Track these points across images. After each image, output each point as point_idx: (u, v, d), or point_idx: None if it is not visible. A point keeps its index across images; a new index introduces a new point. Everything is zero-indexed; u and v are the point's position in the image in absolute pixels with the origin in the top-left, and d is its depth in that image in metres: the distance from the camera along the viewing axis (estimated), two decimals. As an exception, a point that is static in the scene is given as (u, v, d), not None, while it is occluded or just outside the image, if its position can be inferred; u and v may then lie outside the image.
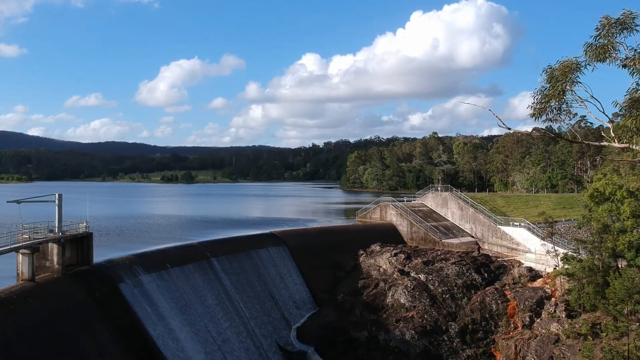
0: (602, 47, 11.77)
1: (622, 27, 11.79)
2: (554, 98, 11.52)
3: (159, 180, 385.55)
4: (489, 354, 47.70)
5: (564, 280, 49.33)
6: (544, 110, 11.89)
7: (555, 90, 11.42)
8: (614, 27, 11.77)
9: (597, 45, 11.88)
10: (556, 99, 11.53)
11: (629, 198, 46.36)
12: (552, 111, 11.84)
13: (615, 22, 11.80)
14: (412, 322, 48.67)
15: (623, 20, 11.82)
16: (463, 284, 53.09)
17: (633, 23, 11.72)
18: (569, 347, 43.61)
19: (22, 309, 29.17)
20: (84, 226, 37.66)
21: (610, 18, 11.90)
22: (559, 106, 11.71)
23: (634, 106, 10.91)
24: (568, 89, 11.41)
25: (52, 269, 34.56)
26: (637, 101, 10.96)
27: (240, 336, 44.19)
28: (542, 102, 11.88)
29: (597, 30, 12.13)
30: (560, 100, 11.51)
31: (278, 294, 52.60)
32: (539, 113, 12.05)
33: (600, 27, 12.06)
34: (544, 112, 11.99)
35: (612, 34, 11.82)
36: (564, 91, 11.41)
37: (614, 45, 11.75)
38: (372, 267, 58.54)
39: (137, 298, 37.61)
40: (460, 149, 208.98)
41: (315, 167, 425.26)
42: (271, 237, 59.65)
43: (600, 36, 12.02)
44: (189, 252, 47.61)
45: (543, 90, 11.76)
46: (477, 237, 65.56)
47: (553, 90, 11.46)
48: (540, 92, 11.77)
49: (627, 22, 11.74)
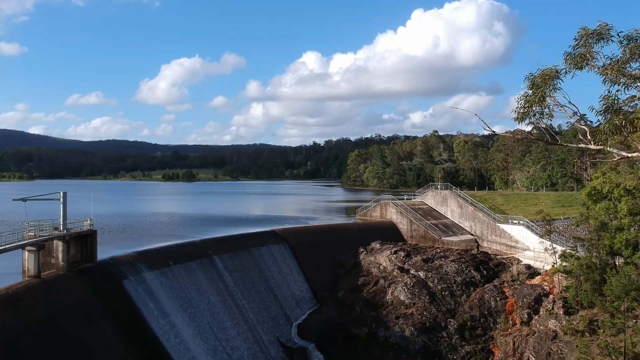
0: (580, 56, 12.46)
1: (598, 38, 12.46)
2: (535, 103, 12.19)
3: (160, 178, 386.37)
4: (487, 350, 48.27)
5: (561, 278, 49.86)
6: (526, 114, 12.59)
7: (535, 96, 12.09)
8: (591, 37, 12.46)
9: (576, 55, 12.58)
10: (537, 104, 12.20)
11: (626, 196, 46.88)
12: (534, 115, 12.52)
13: (592, 33, 12.48)
14: (412, 319, 49.24)
15: (599, 32, 12.50)
16: (462, 281, 53.65)
17: (608, 34, 12.37)
18: (566, 344, 44.14)
19: (29, 304, 29.76)
20: (88, 224, 38.27)
21: (588, 29, 12.59)
22: (541, 110, 12.38)
23: (607, 111, 11.57)
24: (548, 95, 12.04)
25: (57, 265, 35.15)
26: (610, 107, 11.61)
27: (242, 332, 44.78)
28: (525, 107, 12.56)
29: (575, 41, 12.87)
30: (541, 105, 12.15)
31: (279, 291, 53.19)
32: (521, 117, 12.76)
33: (579, 38, 12.79)
34: (526, 116, 12.70)
35: (590, 44, 12.50)
36: (544, 97, 12.08)
37: (592, 54, 12.41)
38: (372, 264, 59.12)
39: (140, 295, 38.21)
40: (460, 147, 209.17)
41: (316, 165, 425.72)
42: (272, 235, 60.25)
43: (579, 46, 12.72)
44: (191, 249, 48.22)
45: (526, 95, 12.46)
46: (476, 235, 66.11)
47: (534, 96, 12.14)
48: (523, 97, 12.50)
49: (603, 33, 12.42)
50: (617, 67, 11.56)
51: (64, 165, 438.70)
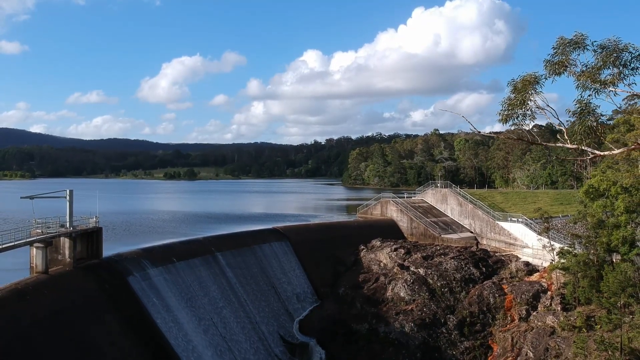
0: (558, 63, 13.28)
1: (575, 46, 13.28)
2: (517, 107, 13.02)
3: (162, 177, 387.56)
4: (486, 346, 48.95)
5: (559, 274, 50.52)
6: (510, 116, 13.44)
7: (517, 99, 12.92)
8: (569, 46, 13.30)
9: (554, 62, 13.41)
10: (519, 107, 13.02)
11: (623, 194, 47.46)
12: (517, 117, 13.37)
13: (570, 42, 13.32)
14: (412, 315, 49.93)
15: (576, 41, 13.33)
16: (461, 278, 54.33)
17: (583, 43, 13.19)
18: (564, 339, 44.77)
19: (38, 299, 30.53)
20: (94, 221, 39.01)
21: (565, 38, 13.48)
22: (523, 113, 13.21)
23: (582, 113, 12.39)
24: (529, 98, 12.86)
25: (64, 262, 35.89)
26: (584, 109, 12.44)
27: (244, 328, 45.54)
28: (508, 110, 13.40)
29: (553, 49, 13.76)
30: (524, 108, 12.95)
31: (281, 287, 53.94)
32: (505, 119, 13.61)
33: (557, 46, 13.66)
34: (510, 118, 13.56)
35: (567, 52, 13.32)
36: (525, 100, 12.89)
37: (569, 61, 13.21)
38: (372, 261, 59.82)
39: (145, 291, 38.94)
40: (461, 145, 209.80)
41: (317, 163, 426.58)
42: (274, 232, 60.99)
43: (557, 54, 13.57)
44: (194, 246, 48.97)
45: (509, 99, 13.30)
46: (475, 232, 66.79)
47: (515, 100, 12.97)
48: (507, 101, 13.37)
49: (579, 42, 13.27)
50: (590, 74, 12.38)
51: (65, 164, 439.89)
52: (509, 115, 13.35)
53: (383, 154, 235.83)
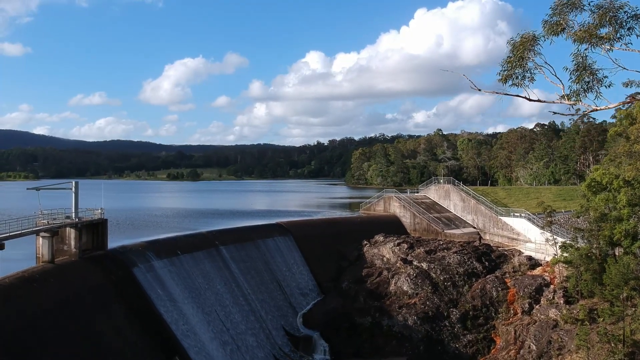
0: (556, 23, 13.57)
1: (572, 7, 13.59)
2: (516, 64, 13.27)
3: (165, 177, 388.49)
4: (489, 339, 49.11)
5: (562, 268, 50.68)
6: (510, 76, 13.69)
7: (516, 56, 13.19)
8: (566, 7, 13.58)
9: (552, 22, 13.70)
10: (517, 65, 13.27)
11: (625, 187, 47.61)
12: (517, 77, 13.63)
13: (567, 3, 13.61)
14: (415, 309, 50.12)
15: (573, 1, 13.59)
16: (464, 272, 54.50)
17: (580, 3, 13.50)
18: (566, 332, 44.89)
19: (44, 287, 30.85)
20: (99, 213, 39.34)
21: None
22: (523, 73, 13.46)
23: (578, 69, 12.66)
24: (527, 56, 13.13)
25: (69, 252, 36.23)
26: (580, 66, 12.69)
27: (248, 320, 45.80)
28: (508, 69, 13.67)
29: (551, 9, 14.05)
30: (522, 66, 13.21)
31: (284, 281, 54.20)
32: (505, 79, 13.86)
33: (555, 7, 13.95)
34: (510, 78, 13.80)
35: (565, 12, 13.60)
36: (523, 57, 13.15)
37: (567, 22, 13.49)
38: (375, 256, 60.02)
39: (149, 282, 39.25)
40: (464, 145, 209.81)
41: (320, 164, 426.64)
42: (277, 227, 61.27)
43: (554, 14, 13.85)
44: (198, 240, 49.28)
45: (509, 58, 13.57)
46: (478, 227, 66.95)
47: (514, 57, 13.24)
48: (506, 61, 13.64)
49: (576, 2, 13.53)
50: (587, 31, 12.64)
51: (69, 165, 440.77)
52: (508, 75, 13.60)
53: (386, 154, 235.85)
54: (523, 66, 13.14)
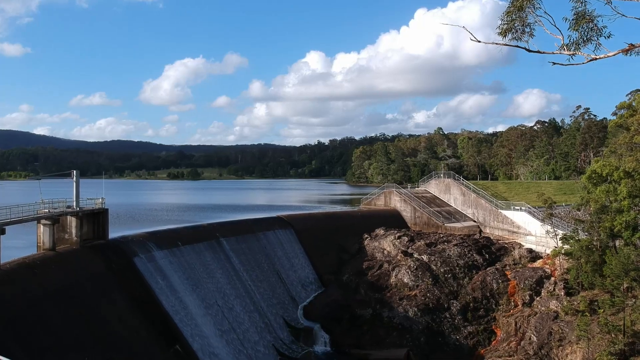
0: None
1: None
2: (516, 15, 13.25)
3: (165, 177, 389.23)
4: (489, 331, 49.17)
5: (563, 260, 50.71)
6: (509, 29, 13.69)
7: (515, 6, 13.22)
8: None
9: None
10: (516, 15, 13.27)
11: (625, 179, 47.63)
12: (516, 31, 13.62)
13: None
14: (415, 300, 50.18)
15: None
16: (465, 264, 54.55)
17: None
18: (567, 323, 44.95)
19: (46, 274, 30.89)
20: (100, 202, 39.40)
21: None
22: (522, 27, 13.44)
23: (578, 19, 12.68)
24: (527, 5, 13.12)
25: (70, 241, 36.29)
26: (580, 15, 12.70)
27: (248, 312, 45.85)
28: (508, 21, 13.67)
29: None
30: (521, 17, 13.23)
31: (285, 274, 54.26)
32: (504, 32, 13.86)
33: None
34: (509, 32, 13.79)
35: None
36: (522, 7, 13.15)
37: None
38: (376, 249, 60.08)
39: (150, 272, 39.30)
40: (464, 143, 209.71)
41: (320, 164, 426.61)
42: (278, 220, 61.36)
43: None
44: (199, 231, 49.35)
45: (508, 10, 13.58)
46: (478, 221, 66.99)
47: (513, 7, 13.27)
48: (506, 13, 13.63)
49: None
50: None
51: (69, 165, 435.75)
52: (508, 29, 13.57)
53: (386, 152, 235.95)
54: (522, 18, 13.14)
